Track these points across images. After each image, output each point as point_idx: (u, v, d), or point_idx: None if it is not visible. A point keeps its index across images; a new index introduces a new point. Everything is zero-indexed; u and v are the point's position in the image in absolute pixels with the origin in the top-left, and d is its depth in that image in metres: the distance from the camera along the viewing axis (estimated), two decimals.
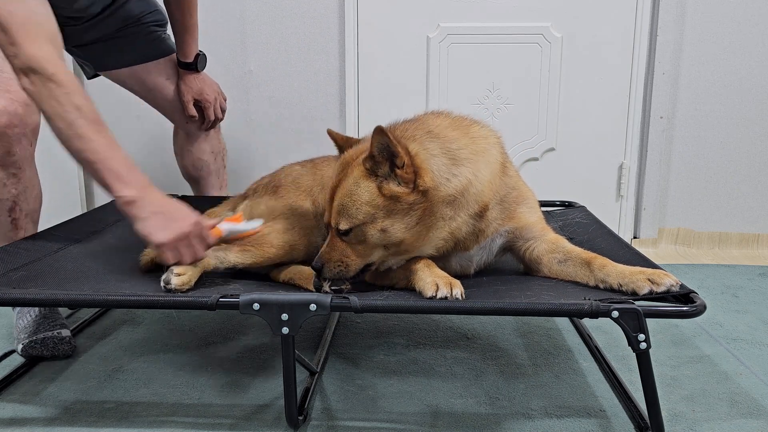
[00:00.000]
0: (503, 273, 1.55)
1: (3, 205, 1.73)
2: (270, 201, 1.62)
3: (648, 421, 1.34)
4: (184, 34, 2.12)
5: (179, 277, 1.35)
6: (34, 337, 1.70)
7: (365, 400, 1.53)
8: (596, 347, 1.80)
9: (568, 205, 2.28)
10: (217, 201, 1.91)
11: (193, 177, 2.29)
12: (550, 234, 1.51)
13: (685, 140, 2.83)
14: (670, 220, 2.91)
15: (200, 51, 2.16)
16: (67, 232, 1.89)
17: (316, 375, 1.61)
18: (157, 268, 1.56)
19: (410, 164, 1.29)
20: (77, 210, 2.75)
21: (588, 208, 2.21)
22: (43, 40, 1.40)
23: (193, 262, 1.40)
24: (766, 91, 2.76)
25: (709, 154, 2.84)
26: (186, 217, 1.40)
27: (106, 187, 1.42)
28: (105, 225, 2.03)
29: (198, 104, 2.20)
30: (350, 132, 2.85)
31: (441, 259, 1.44)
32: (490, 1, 2.75)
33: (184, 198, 2.46)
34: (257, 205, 1.63)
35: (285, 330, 1.25)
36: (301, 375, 1.54)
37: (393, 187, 1.30)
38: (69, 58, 2.15)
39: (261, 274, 1.57)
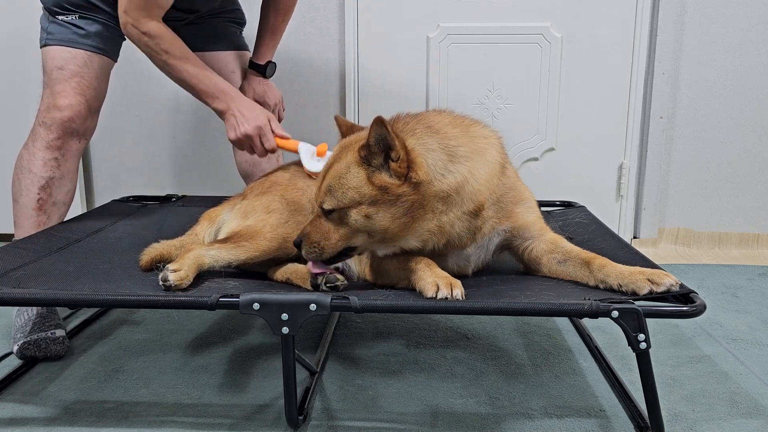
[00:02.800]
0: (503, 273, 1.55)
1: (37, 180, 1.88)
2: (266, 197, 1.63)
3: (648, 421, 1.34)
4: (269, 36, 2.20)
5: (176, 273, 1.35)
6: (28, 338, 1.70)
7: (365, 400, 1.54)
8: (596, 347, 1.80)
9: (568, 205, 2.28)
10: (218, 201, 1.91)
11: (246, 173, 2.30)
12: (549, 234, 1.51)
13: (685, 140, 2.83)
14: (670, 220, 2.91)
15: (272, 60, 2.23)
16: (67, 232, 1.89)
17: (316, 375, 1.61)
18: (158, 267, 1.56)
19: (405, 159, 1.30)
20: (77, 210, 2.74)
21: (588, 208, 2.21)
22: (149, 7, 1.77)
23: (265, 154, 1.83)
24: (766, 91, 2.76)
25: (709, 154, 2.84)
26: (252, 120, 1.80)
27: (204, 102, 1.85)
28: (105, 225, 2.03)
29: None
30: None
31: (438, 259, 1.44)
32: (490, 1, 2.75)
33: (184, 198, 2.47)
34: (254, 203, 1.63)
35: (285, 330, 1.25)
36: (301, 375, 1.54)
37: (384, 178, 1.31)
38: None
39: (259, 273, 1.57)
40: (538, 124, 2.83)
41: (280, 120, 2.30)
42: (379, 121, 1.26)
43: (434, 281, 1.28)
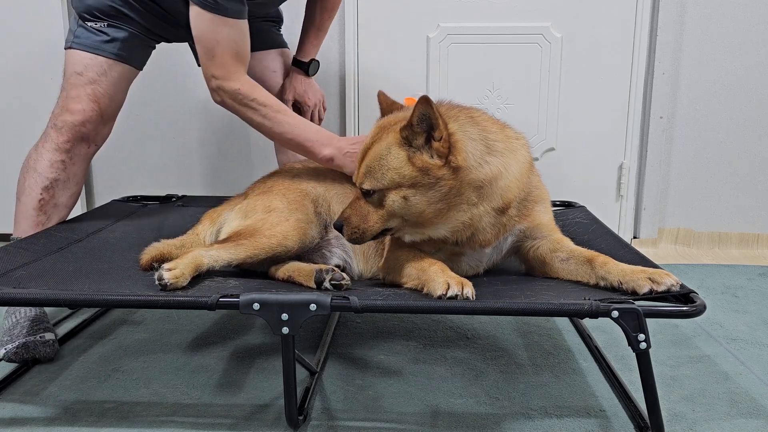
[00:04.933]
0: (503, 273, 1.55)
1: (41, 180, 1.87)
2: (267, 197, 1.63)
3: (648, 421, 1.34)
4: (314, 34, 2.16)
5: (170, 271, 1.35)
6: (16, 342, 1.69)
7: (365, 400, 1.54)
8: (596, 347, 1.80)
9: (568, 205, 2.28)
10: (218, 201, 1.91)
11: None
12: (557, 234, 1.52)
13: (685, 140, 2.83)
14: (670, 220, 2.91)
15: (316, 59, 2.18)
16: (67, 231, 1.89)
17: (316, 375, 1.61)
18: (158, 267, 1.56)
19: (447, 139, 1.31)
20: (77, 210, 2.74)
21: (588, 208, 2.21)
22: (235, 65, 1.74)
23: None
24: (766, 91, 2.76)
25: (709, 154, 2.84)
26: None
27: (306, 155, 1.76)
28: (105, 225, 2.03)
29: (297, 106, 2.21)
30: (350, 132, 2.85)
31: (454, 260, 1.45)
32: (490, 1, 2.75)
33: (183, 198, 2.47)
34: (255, 202, 1.63)
35: (285, 330, 1.25)
36: (301, 375, 1.54)
37: (425, 159, 1.32)
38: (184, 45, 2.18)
39: (260, 272, 1.57)
40: (538, 124, 2.83)
41: (320, 120, 2.26)
42: (425, 100, 1.27)
43: (445, 281, 1.29)
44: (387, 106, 1.53)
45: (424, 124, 1.30)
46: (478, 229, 1.40)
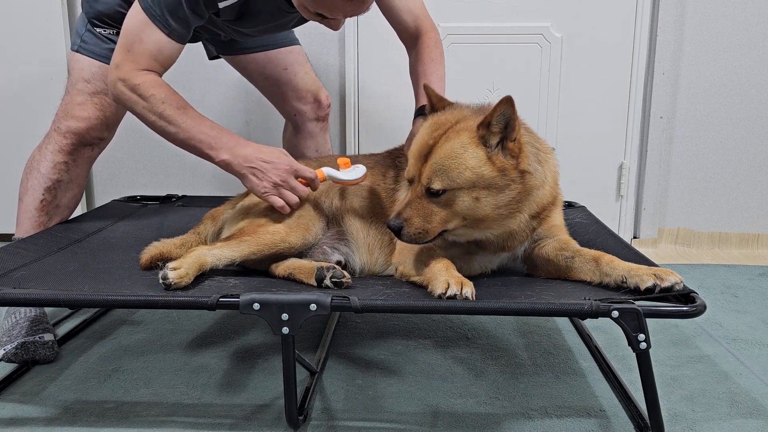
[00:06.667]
0: (504, 273, 1.55)
1: (44, 181, 1.89)
2: None
3: (648, 421, 1.34)
4: (415, 82, 1.97)
5: (175, 271, 1.35)
6: (15, 342, 1.70)
7: (365, 400, 1.54)
8: (596, 347, 1.80)
9: (568, 205, 2.28)
10: (218, 201, 1.92)
11: None
12: (565, 235, 1.53)
13: (685, 140, 2.83)
14: (670, 220, 2.91)
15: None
16: (68, 231, 1.89)
17: (316, 375, 1.61)
18: (158, 267, 1.56)
19: (520, 140, 1.31)
20: (77, 210, 2.74)
21: (588, 208, 2.21)
22: (146, 65, 1.62)
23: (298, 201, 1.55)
24: (766, 91, 2.76)
25: (709, 154, 2.84)
26: (277, 166, 1.54)
27: (205, 157, 1.62)
28: (105, 225, 2.03)
29: None
30: (350, 132, 2.85)
31: (463, 260, 1.45)
32: (490, 1, 2.75)
33: (184, 198, 2.47)
34: (256, 199, 1.63)
35: (285, 330, 1.25)
36: (301, 375, 1.54)
37: (502, 159, 1.31)
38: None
39: (260, 270, 1.56)
40: (538, 124, 2.83)
41: None
42: (508, 101, 1.27)
43: (446, 280, 1.28)
44: (437, 100, 1.47)
45: (501, 124, 1.29)
46: (512, 235, 1.41)
